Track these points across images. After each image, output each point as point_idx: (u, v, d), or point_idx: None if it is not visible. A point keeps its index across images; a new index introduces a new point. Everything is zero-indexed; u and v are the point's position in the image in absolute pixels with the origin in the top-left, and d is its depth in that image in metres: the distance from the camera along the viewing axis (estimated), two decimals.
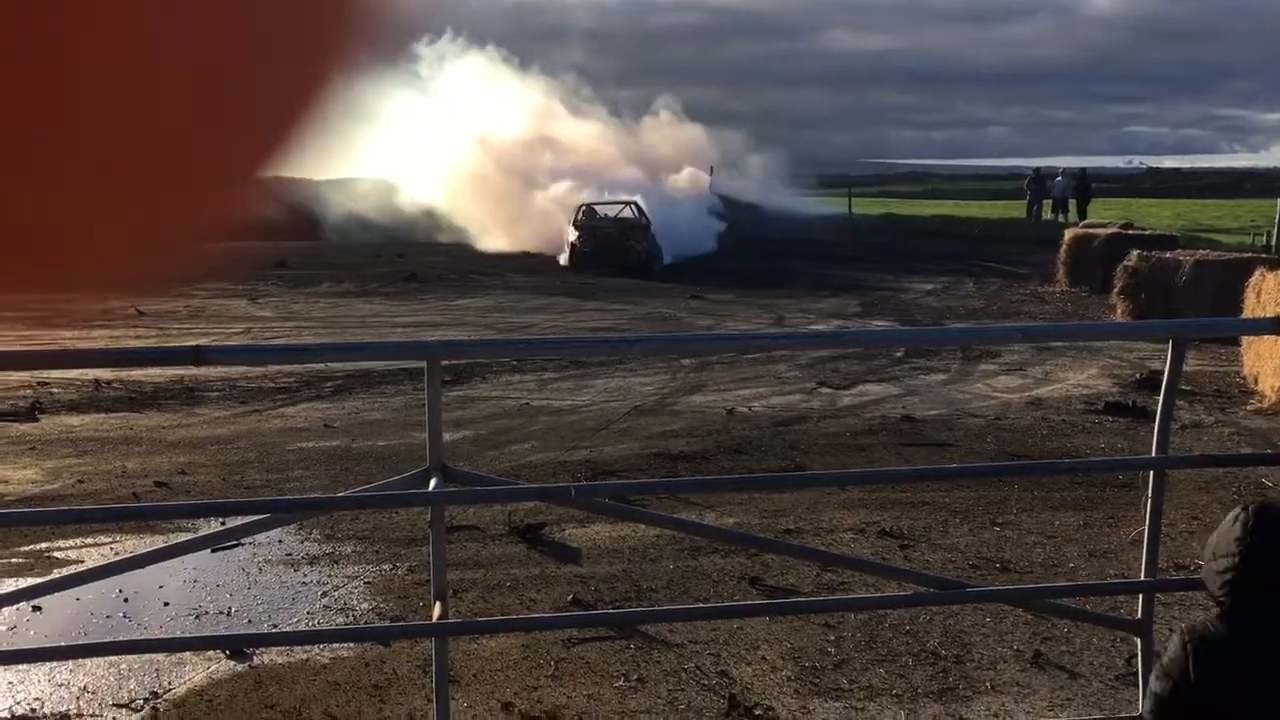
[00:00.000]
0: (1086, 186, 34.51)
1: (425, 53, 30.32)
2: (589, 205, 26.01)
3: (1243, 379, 10.76)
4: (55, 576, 4.75)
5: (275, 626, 5.25)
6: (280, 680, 4.65)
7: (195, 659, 4.80)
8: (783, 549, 5.40)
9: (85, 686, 4.57)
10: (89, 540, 6.38)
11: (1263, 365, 10.17)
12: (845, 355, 12.28)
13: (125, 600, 5.44)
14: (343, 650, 4.90)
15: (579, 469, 7.90)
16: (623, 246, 23.42)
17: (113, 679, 4.63)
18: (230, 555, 6.11)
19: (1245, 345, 10.90)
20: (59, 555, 6.17)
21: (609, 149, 32.07)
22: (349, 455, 8.41)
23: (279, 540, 6.33)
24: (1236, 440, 8.75)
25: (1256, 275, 11.34)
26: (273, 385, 10.97)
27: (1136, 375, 11.05)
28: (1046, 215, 34.95)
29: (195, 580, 5.76)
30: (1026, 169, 42.96)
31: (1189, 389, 10.07)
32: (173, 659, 4.78)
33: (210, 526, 5.52)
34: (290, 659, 4.83)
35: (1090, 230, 20.37)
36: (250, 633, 5.14)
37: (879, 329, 14.64)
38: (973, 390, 10.86)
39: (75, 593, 5.14)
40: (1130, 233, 19.38)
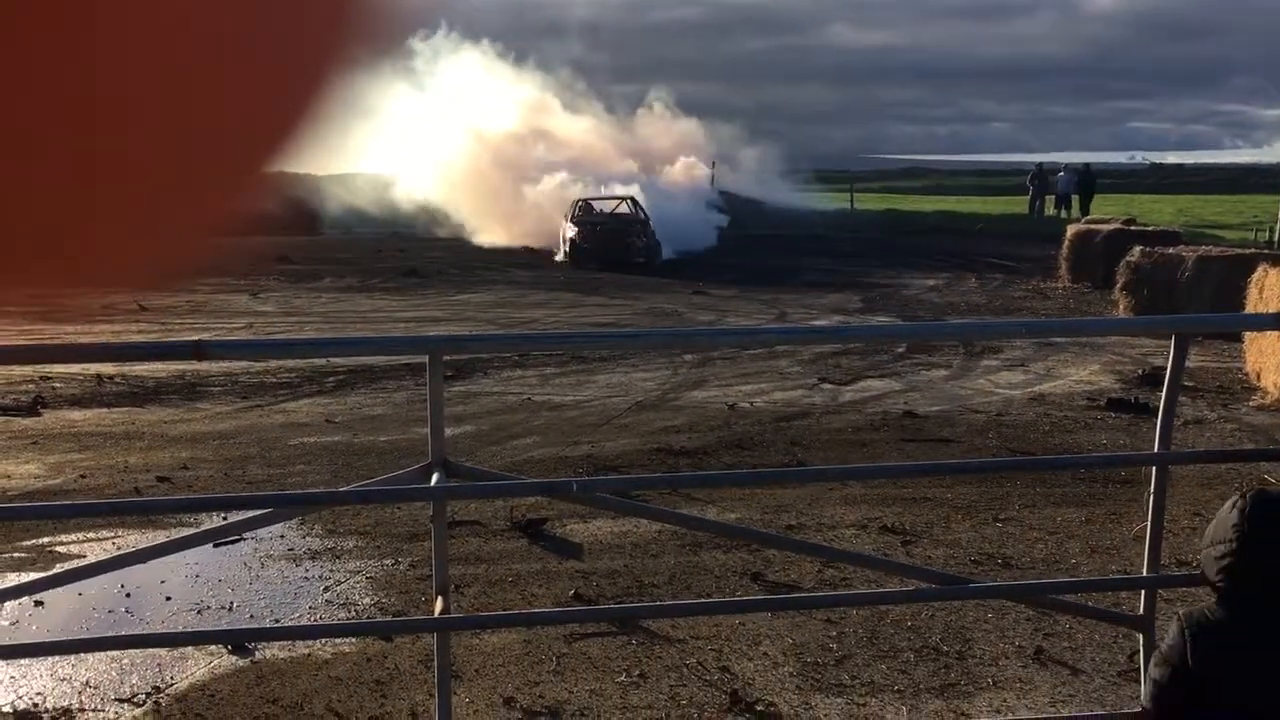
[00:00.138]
0: (1090, 182, 34.50)
1: (421, 48, 30.29)
2: (585, 201, 25.77)
3: (1245, 375, 10.75)
4: (57, 571, 4.75)
5: (277, 621, 5.25)
6: (282, 675, 4.66)
7: (197, 654, 4.80)
8: (784, 544, 5.40)
9: (87, 681, 4.57)
10: (91, 535, 6.39)
11: (1265, 361, 10.16)
12: (847, 351, 12.29)
13: (127, 595, 5.44)
14: (344, 645, 4.90)
15: (581, 464, 7.90)
16: (623, 242, 23.36)
17: (115, 674, 4.63)
18: (232, 550, 6.12)
19: (1248, 341, 10.88)
20: (61, 550, 6.17)
21: (604, 143, 31.99)
22: (351, 450, 8.41)
23: (281, 535, 6.33)
24: (1239, 436, 8.75)
25: (1259, 271, 11.33)
26: (274, 380, 10.97)
27: (1139, 371, 11.04)
28: (1049, 211, 34.94)
29: (197, 575, 5.76)
30: (1029, 165, 42.91)
31: (1191, 385, 10.06)
32: (175, 654, 4.78)
33: (212, 521, 5.53)
34: (292, 654, 4.83)
35: (1093, 226, 20.35)
36: (252, 627, 5.15)
37: (881, 324, 14.65)
38: (975, 386, 10.85)
39: (77, 587, 5.15)
40: (1133, 229, 19.36)
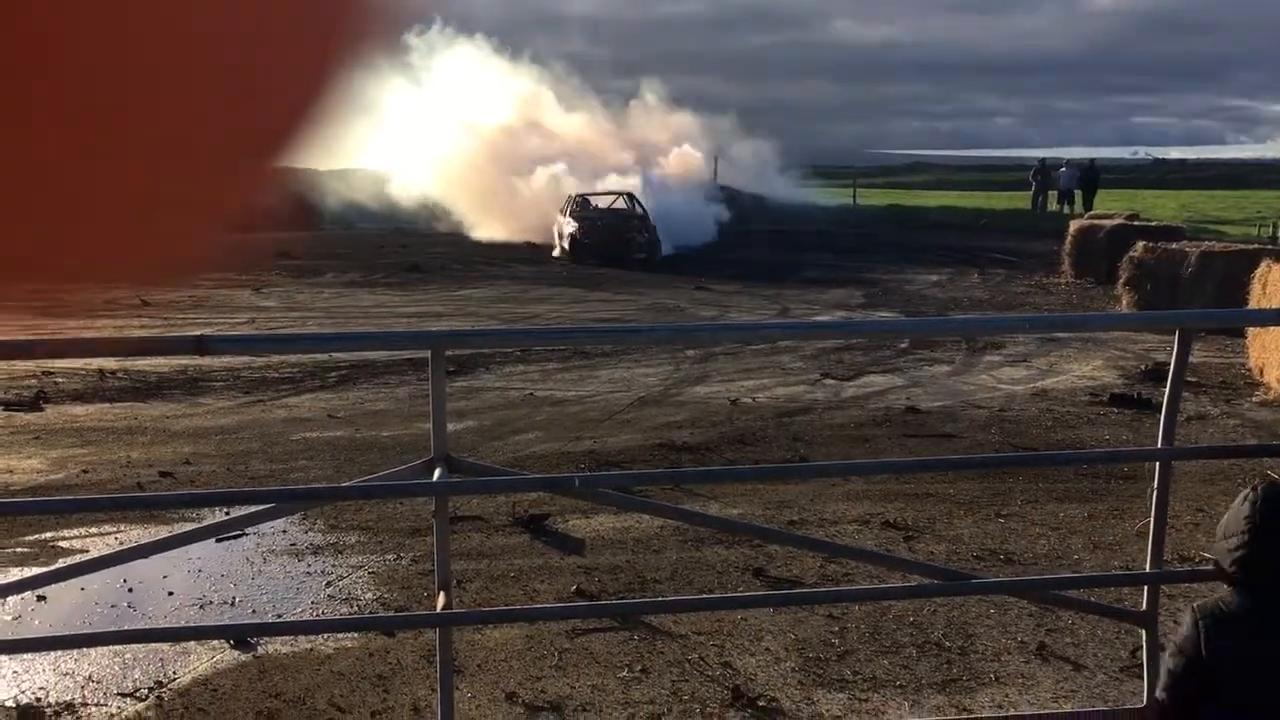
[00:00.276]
0: (1094, 178, 34.45)
1: (416, 43, 30.22)
2: (582, 196, 25.52)
3: (1248, 370, 10.74)
4: (60, 566, 4.76)
5: (279, 616, 5.26)
6: (284, 670, 4.66)
7: (200, 648, 4.81)
8: (787, 540, 5.40)
9: (90, 676, 4.58)
10: (93, 530, 6.39)
11: (1268, 357, 10.15)
12: (849, 346, 12.28)
13: (130, 590, 5.45)
14: (347, 640, 4.91)
15: (583, 460, 7.91)
16: (625, 238, 23.29)
17: (117, 668, 4.64)
18: (235, 545, 6.12)
19: (1251, 337, 10.88)
20: (64, 545, 6.18)
21: (599, 136, 31.88)
22: (353, 445, 8.41)
23: (283, 530, 6.34)
24: (1242, 432, 8.74)
25: (1262, 267, 11.32)
26: (277, 375, 10.98)
27: (1141, 367, 11.04)
28: (1052, 206, 34.90)
29: (200, 570, 5.77)
30: (1032, 159, 42.83)
31: (1194, 381, 10.05)
32: (177, 648, 4.79)
33: (215, 516, 5.54)
34: (294, 649, 4.84)
35: (1095, 222, 20.32)
36: (254, 622, 5.16)
37: (883, 319, 14.64)
38: (977, 381, 10.84)
39: (80, 582, 5.16)
40: (1136, 224, 19.33)
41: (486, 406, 9.78)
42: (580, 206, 24.86)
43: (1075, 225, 20.25)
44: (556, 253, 24.45)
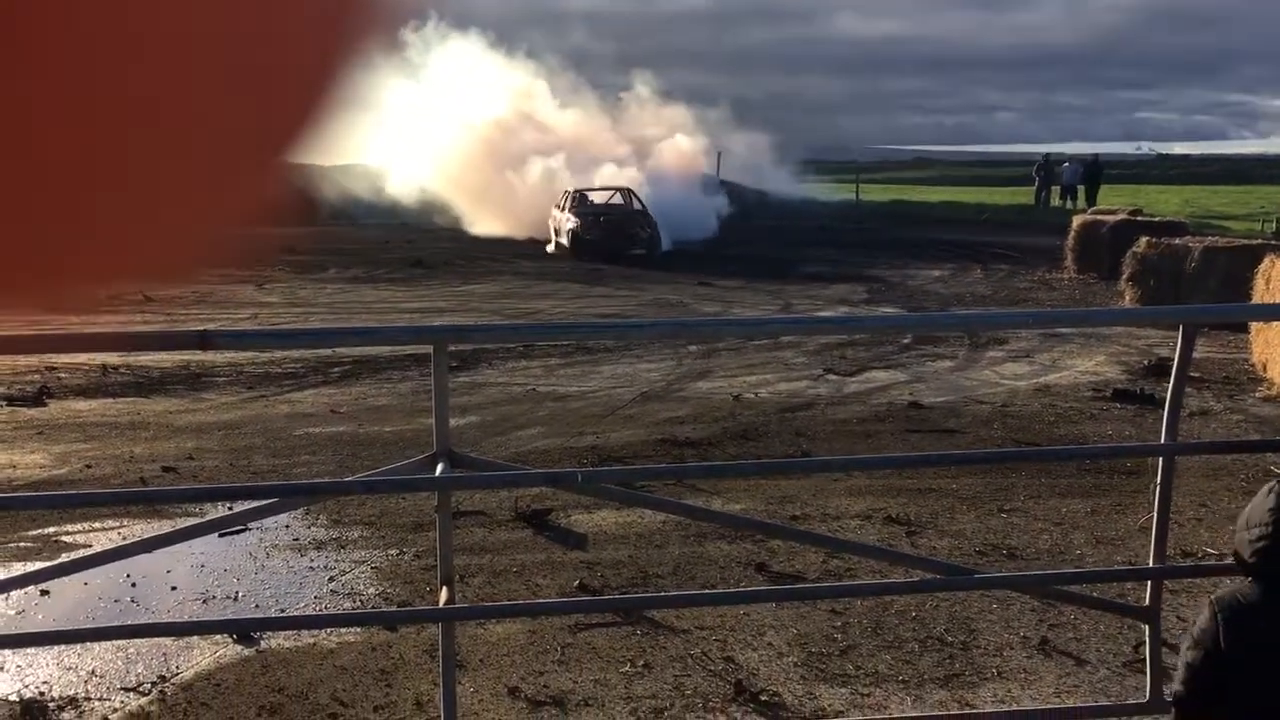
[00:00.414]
0: (1097, 173, 34.40)
1: (412, 39, 30.13)
2: (580, 191, 25.31)
3: (1251, 366, 10.72)
4: (63, 560, 4.76)
5: (282, 611, 5.27)
6: (287, 664, 4.67)
7: (202, 643, 4.81)
8: (789, 534, 5.40)
9: (93, 670, 4.59)
10: (96, 525, 6.40)
11: (1272, 352, 10.14)
12: (852, 342, 12.27)
13: (133, 585, 5.46)
14: (349, 635, 4.91)
15: (585, 455, 7.91)
16: (626, 234, 23.21)
17: (120, 663, 4.65)
18: (237, 540, 6.13)
19: (1254, 332, 10.86)
20: (66, 539, 6.19)
21: (595, 130, 31.75)
22: (356, 440, 8.42)
23: (286, 525, 6.34)
24: (1245, 427, 8.73)
25: (1266, 262, 11.30)
26: (280, 371, 10.99)
27: (1145, 362, 11.02)
28: (1055, 202, 34.86)
29: (202, 565, 5.78)
30: (1035, 155, 42.80)
31: (1198, 376, 10.03)
32: (180, 643, 4.80)
33: (217, 511, 5.53)
34: (297, 643, 4.84)
35: (1099, 217, 20.29)
36: (257, 617, 5.16)
37: (886, 315, 14.61)
38: (980, 377, 10.83)
39: (83, 577, 5.17)
40: (1139, 219, 19.29)
41: (489, 402, 9.78)
42: (578, 202, 24.64)
43: (1078, 221, 20.21)
44: (551, 248, 24.31)
